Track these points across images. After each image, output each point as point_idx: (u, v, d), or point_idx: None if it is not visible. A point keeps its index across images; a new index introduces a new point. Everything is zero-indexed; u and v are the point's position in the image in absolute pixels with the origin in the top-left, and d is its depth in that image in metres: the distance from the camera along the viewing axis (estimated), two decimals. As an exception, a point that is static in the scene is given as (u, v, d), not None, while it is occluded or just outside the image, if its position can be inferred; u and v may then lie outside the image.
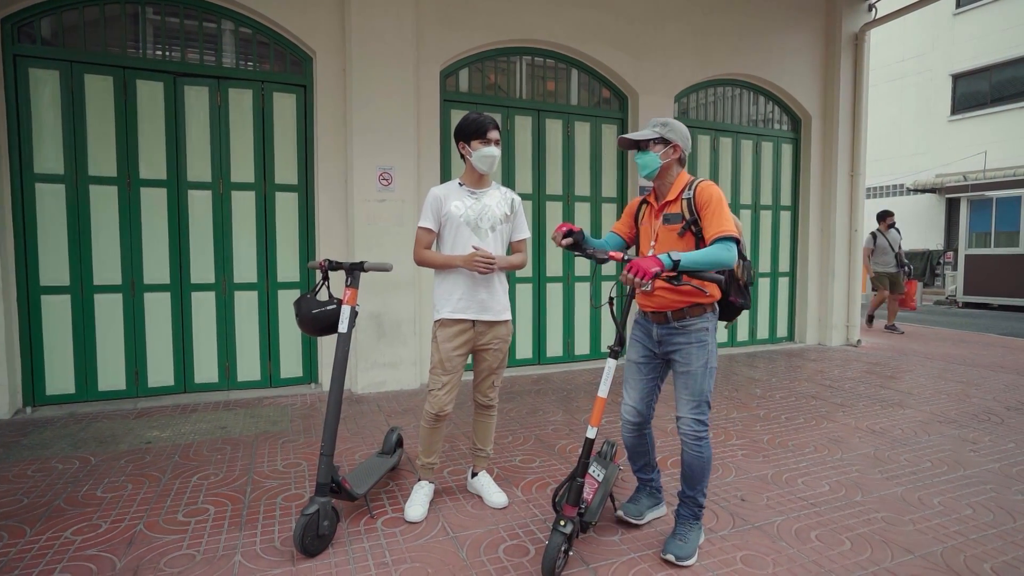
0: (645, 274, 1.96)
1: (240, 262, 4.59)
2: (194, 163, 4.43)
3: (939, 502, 2.71)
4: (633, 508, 2.47)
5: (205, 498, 2.72)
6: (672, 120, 2.29)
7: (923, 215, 17.81)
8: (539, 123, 5.55)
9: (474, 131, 2.54)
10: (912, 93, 18.05)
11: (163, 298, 4.40)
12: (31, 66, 4.01)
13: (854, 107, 6.85)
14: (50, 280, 4.12)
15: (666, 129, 2.25)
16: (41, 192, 4.07)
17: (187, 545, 2.30)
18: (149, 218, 4.33)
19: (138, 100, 4.26)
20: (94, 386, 4.26)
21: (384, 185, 4.65)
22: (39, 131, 4.06)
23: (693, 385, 2.23)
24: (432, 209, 2.57)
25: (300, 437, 3.58)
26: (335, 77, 4.64)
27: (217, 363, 4.57)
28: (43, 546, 2.29)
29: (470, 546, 2.31)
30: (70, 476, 2.96)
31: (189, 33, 4.41)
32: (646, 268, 1.97)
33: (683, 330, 2.24)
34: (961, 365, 5.81)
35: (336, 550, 2.27)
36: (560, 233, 2.31)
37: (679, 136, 2.26)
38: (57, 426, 3.75)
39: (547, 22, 5.37)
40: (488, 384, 2.68)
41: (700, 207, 2.16)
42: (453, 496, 2.77)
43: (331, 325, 2.45)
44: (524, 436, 3.64)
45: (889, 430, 3.76)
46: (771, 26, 6.50)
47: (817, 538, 2.38)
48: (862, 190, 6.95)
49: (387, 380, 4.73)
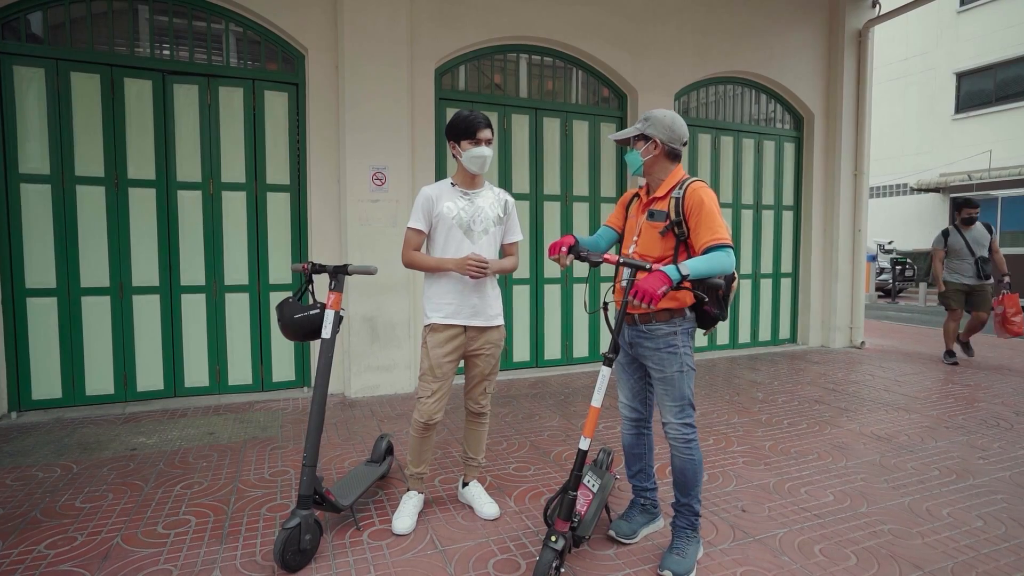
0: (653, 299, 1.87)
1: (231, 264, 4.50)
2: (184, 163, 4.35)
3: (948, 513, 2.61)
4: (625, 526, 2.37)
5: (187, 508, 2.63)
6: (656, 113, 2.17)
7: (926, 215, 17.66)
8: (537, 122, 5.46)
9: (464, 130, 2.44)
10: (915, 92, 17.92)
11: (152, 300, 4.31)
12: (16, 63, 3.93)
13: (858, 105, 6.74)
14: (36, 282, 4.04)
15: (647, 124, 2.15)
16: (26, 192, 3.99)
17: (164, 559, 2.21)
18: (137, 219, 4.25)
19: (126, 99, 4.18)
20: (81, 391, 4.18)
21: (377, 185, 4.56)
22: (24, 130, 3.97)
23: (672, 391, 2.14)
24: (423, 210, 2.48)
25: (289, 443, 3.49)
26: (328, 75, 4.55)
27: (208, 367, 4.48)
28: (15, 560, 2.20)
29: (459, 560, 2.22)
30: (50, 485, 2.87)
31: (178, 30, 4.32)
32: (652, 292, 1.87)
33: (650, 335, 2.15)
34: (968, 368, 5.69)
35: (319, 565, 2.18)
36: (563, 254, 2.18)
37: (659, 129, 2.14)
38: (41, 432, 3.67)
39: (544, 19, 5.27)
40: (480, 391, 2.59)
41: (688, 210, 2.06)
42: (443, 506, 2.67)
43: (314, 330, 2.36)
44: (519, 442, 3.55)
45: (894, 436, 3.65)
46: (773, 23, 6.39)
47: (821, 552, 2.28)
48: (866, 189, 6.84)
49: (381, 384, 4.64)
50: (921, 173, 17.35)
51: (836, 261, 6.75)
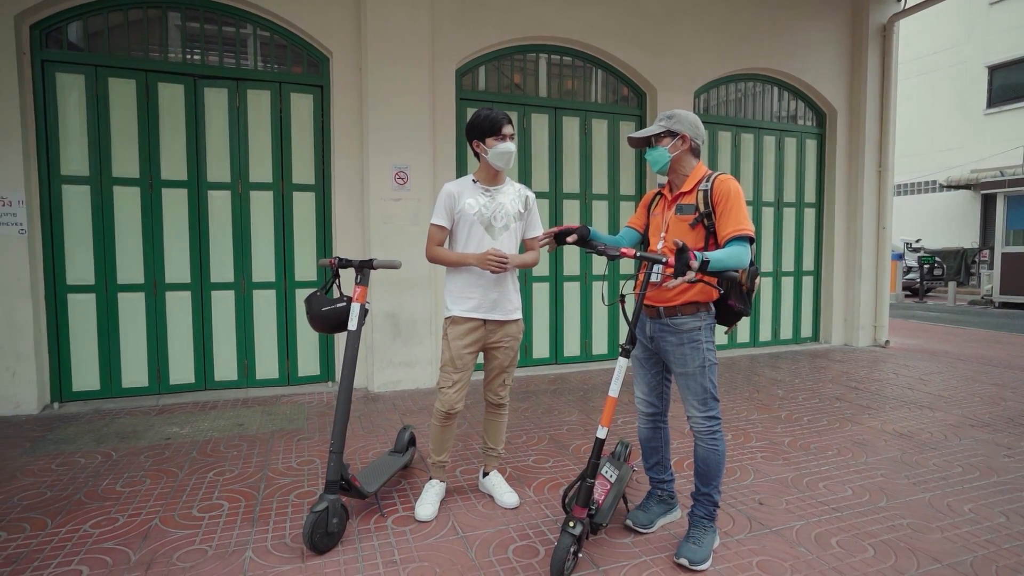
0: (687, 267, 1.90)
1: (258, 261, 4.65)
2: (214, 164, 4.50)
3: (970, 509, 2.60)
4: (642, 516, 2.41)
5: (220, 494, 2.75)
6: (679, 111, 2.23)
7: (956, 212, 17.24)
8: (556, 121, 5.51)
9: (488, 128, 2.50)
10: (945, 86, 17.48)
11: (184, 297, 4.48)
12: (58, 71, 4.12)
13: (882, 101, 6.65)
14: (76, 279, 4.23)
15: (672, 121, 2.20)
16: (68, 194, 4.18)
17: (200, 540, 2.32)
18: (170, 218, 4.42)
19: (160, 102, 4.35)
20: (118, 383, 4.36)
21: (400, 184, 4.66)
22: (65, 134, 4.17)
23: (694, 386, 2.17)
24: (445, 206, 2.55)
25: (315, 435, 3.61)
26: (351, 77, 4.66)
27: (236, 361, 4.64)
28: (63, 538, 2.33)
29: (479, 546, 2.29)
30: (92, 470, 3.02)
31: (209, 36, 4.48)
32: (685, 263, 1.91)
33: (674, 329, 2.18)
34: (996, 367, 5.58)
35: (345, 548, 2.27)
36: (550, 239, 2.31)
37: (686, 126, 2.20)
38: (82, 421, 3.85)
39: (563, 19, 5.32)
40: (499, 382, 2.65)
41: (716, 201, 2.10)
42: (464, 496, 2.75)
43: (341, 323, 2.45)
44: (538, 436, 3.61)
45: (917, 433, 3.62)
46: (794, 19, 6.34)
47: (838, 544, 2.30)
48: (891, 186, 6.74)
49: (403, 379, 4.74)
50: (951, 170, 16.93)
51: (860, 259, 6.66)
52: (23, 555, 2.21)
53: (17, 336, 3.98)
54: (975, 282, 14.89)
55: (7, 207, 3.92)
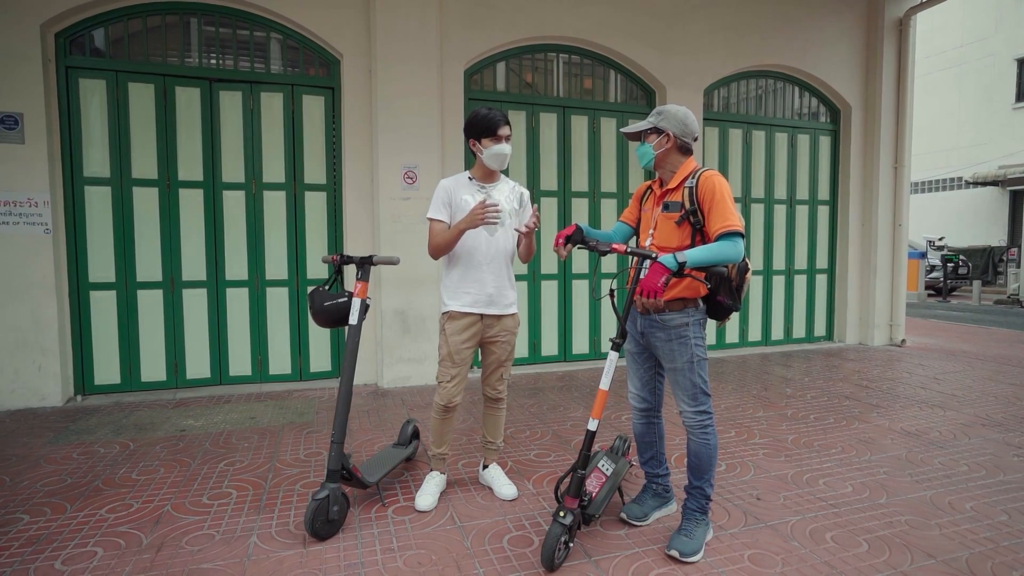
0: (654, 292, 1.94)
1: (271, 259, 4.77)
2: (229, 164, 4.64)
3: (971, 507, 2.57)
4: (637, 509, 2.44)
5: (229, 483, 2.85)
6: (668, 107, 2.25)
7: (983, 209, 16.79)
8: (565, 120, 5.54)
9: (485, 128, 2.55)
10: (972, 80, 17.04)
11: (200, 294, 4.62)
12: (81, 76, 4.28)
13: (898, 96, 6.54)
14: (98, 277, 4.40)
15: (659, 118, 2.22)
16: (89, 194, 4.34)
17: (208, 526, 2.42)
18: (187, 218, 4.56)
19: (177, 105, 4.49)
20: (137, 377, 4.52)
21: (409, 183, 4.74)
22: (88, 137, 4.33)
23: (683, 381, 2.20)
24: (443, 201, 2.60)
25: (324, 428, 3.70)
26: (362, 79, 4.76)
27: (250, 357, 4.76)
28: (80, 522, 2.45)
29: (476, 536, 2.34)
30: (110, 459, 3.15)
31: (224, 40, 4.62)
32: (652, 286, 1.94)
33: (662, 325, 2.20)
34: (1016, 367, 5.46)
35: (346, 535, 2.35)
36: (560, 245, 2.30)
37: (672, 123, 2.21)
38: (103, 413, 4.00)
39: (571, 18, 5.35)
40: (496, 377, 2.71)
41: (701, 198, 2.12)
42: (464, 488, 2.80)
43: (342, 317, 2.53)
44: (542, 431, 3.65)
45: (925, 432, 3.58)
46: (807, 14, 6.27)
47: (832, 539, 2.30)
48: (907, 183, 6.62)
49: (412, 375, 4.82)
50: (977, 166, 16.50)
51: (875, 256, 6.56)
52: (43, 536, 2.32)
53: (42, 332, 4.15)
54: (1002, 281, 14.49)
55: (33, 208, 4.09)
